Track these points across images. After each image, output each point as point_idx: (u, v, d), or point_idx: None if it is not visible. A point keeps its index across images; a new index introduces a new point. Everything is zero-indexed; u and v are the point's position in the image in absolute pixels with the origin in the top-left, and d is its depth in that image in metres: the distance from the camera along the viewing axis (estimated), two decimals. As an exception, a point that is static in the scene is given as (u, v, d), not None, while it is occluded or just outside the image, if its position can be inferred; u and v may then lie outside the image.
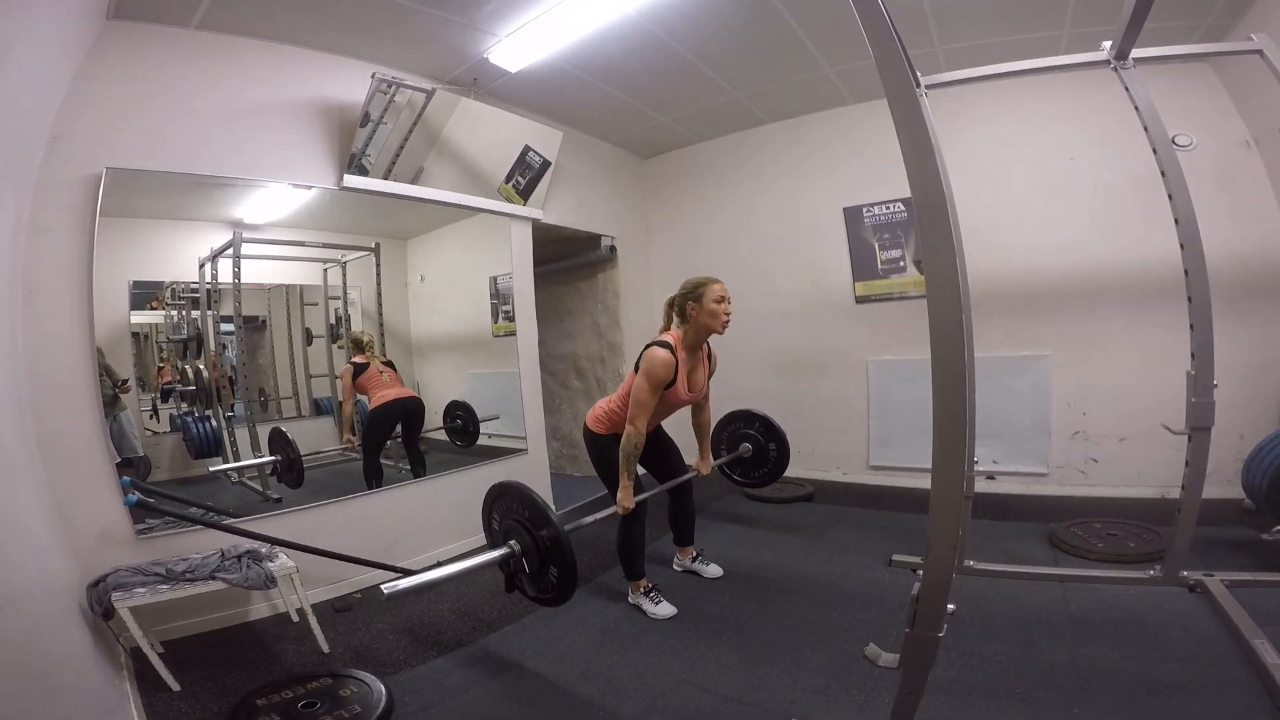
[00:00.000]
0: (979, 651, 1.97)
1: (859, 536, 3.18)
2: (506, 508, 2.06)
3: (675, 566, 2.89)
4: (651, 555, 2.72)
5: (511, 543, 1.97)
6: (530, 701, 1.93)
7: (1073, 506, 3.31)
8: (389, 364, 3.48)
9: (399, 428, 3.47)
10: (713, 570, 2.79)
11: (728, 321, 2.30)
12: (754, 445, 3.23)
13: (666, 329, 2.42)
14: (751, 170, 4.60)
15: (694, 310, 2.29)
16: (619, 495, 2.32)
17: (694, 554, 2.84)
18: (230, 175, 2.70)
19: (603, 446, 2.47)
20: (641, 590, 2.51)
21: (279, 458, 3.03)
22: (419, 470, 3.42)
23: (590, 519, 2.20)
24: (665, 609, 2.43)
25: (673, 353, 2.28)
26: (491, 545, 2.10)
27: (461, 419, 3.80)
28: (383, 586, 1.67)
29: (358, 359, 3.38)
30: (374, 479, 3.26)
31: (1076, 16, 2.96)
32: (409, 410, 3.45)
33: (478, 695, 1.98)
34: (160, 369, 2.90)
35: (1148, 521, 2.87)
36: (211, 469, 2.91)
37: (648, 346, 2.32)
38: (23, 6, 1.61)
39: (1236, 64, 2.93)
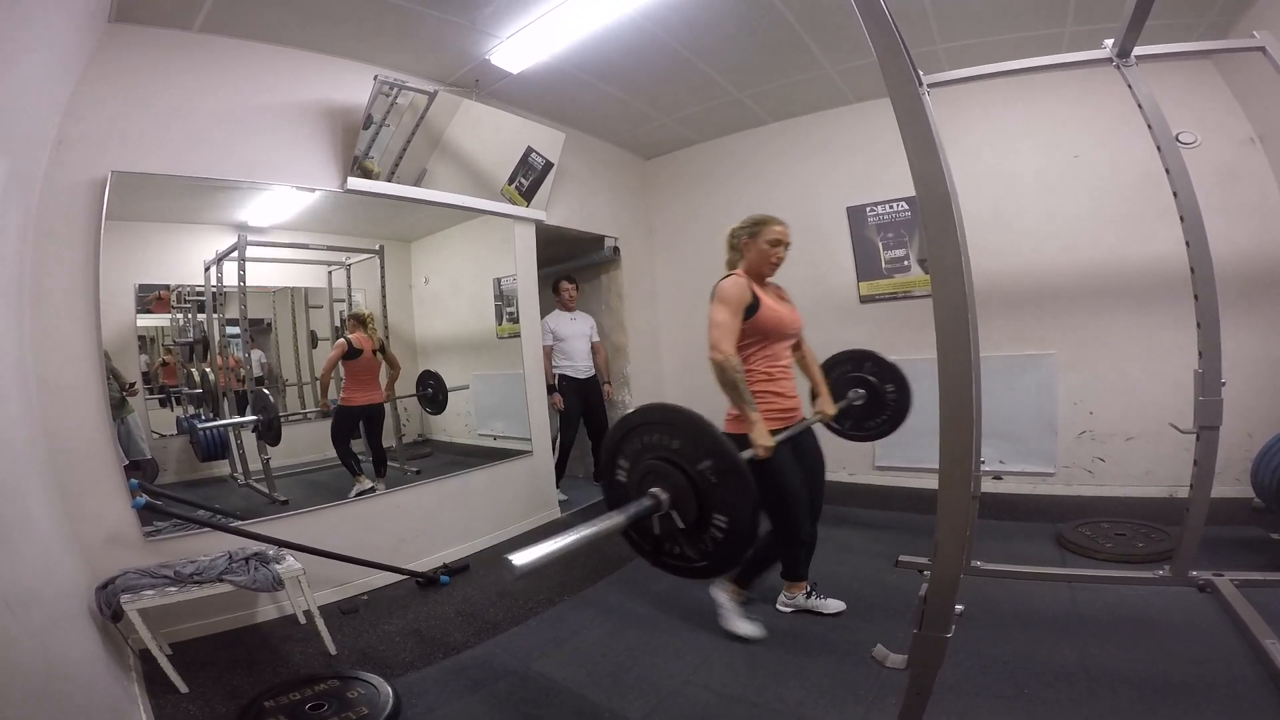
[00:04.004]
0: (987, 652, 1.95)
1: (865, 537, 3.17)
2: (643, 445, 1.49)
3: (782, 606, 2.41)
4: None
5: (654, 490, 1.44)
6: (536, 703, 1.93)
7: (1080, 506, 3.30)
8: (382, 349, 3.47)
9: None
10: (832, 605, 2.36)
11: (776, 265, 2.21)
12: (866, 389, 2.72)
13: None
14: (754, 170, 4.59)
15: (746, 245, 2.21)
16: (753, 435, 1.92)
17: (807, 589, 2.38)
18: (234, 178, 2.71)
19: None
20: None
21: (259, 417, 3.12)
22: (379, 469, 3.43)
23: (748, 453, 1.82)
24: (754, 628, 2.24)
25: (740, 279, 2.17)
26: (621, 501, 1.49)
27: (432, 388, 3.87)
28: (511, 559, 1.13)
29: (355, 337, 3.35)
30: (351, 464, 3.30)
31: (1078, 14, 2.96)
32: (369, 415, 3.46)
33: (484, 697, 1.98)
34: (165, 363, 2.93)
35: (1156, 521, 2.85)
36: (200, 426, 3.02)
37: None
38: (26, 10, 1.62)
39: (1239, 61, 2.91)
